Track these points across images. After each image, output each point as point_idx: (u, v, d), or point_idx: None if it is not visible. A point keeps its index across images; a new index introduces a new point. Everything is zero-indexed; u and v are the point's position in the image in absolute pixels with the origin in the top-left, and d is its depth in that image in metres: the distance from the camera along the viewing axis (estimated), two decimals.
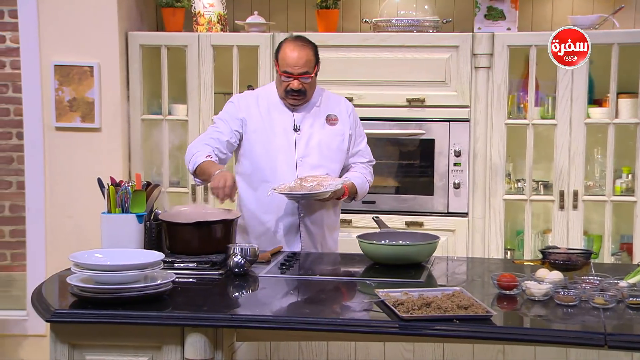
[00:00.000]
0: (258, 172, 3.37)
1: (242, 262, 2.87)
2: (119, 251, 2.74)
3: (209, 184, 3.15)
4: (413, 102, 4.34)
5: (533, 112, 4.32)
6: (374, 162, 3.61)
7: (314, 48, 3.35)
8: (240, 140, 3.40)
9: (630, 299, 2.50)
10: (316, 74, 3.36)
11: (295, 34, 4.33)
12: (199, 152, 3.25)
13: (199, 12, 4.57)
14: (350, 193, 3.38)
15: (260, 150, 3.35)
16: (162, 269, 2.65)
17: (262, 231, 3.38)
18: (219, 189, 3.05)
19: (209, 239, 3.01)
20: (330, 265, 3.22)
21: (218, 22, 4.58)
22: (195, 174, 3.26)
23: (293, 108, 3.39)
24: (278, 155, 3.34)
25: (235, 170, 3.48)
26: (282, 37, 4.37)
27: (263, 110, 3.39)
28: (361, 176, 3.46)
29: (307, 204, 3.35)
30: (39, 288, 2.71)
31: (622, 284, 2.62)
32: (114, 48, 4.44)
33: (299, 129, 3.37)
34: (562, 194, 4.29)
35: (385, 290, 2.55)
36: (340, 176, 3.44)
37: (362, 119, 3.65)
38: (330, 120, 3.43)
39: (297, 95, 3.33)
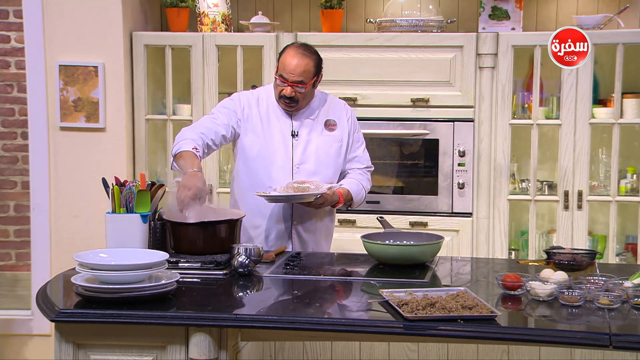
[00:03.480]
0: (254, 176, 3.34)
1: (247, 262, 2.87)
2: (123, 251, 2.75)
3: (178, 181, 3.07)
4: (417, 102, 4.34)
5: (537, 112, 4.31)
6: (372, 169, 3.56)
7: (317, 59, 3.29)
8: (236, 139, 3.37)
9: (635, 299, 2.49)
10: (314, 85, 3.31)
11: (299, 34, 4.36)
12: (188, 140, 3.17)
13: (203, 12, 4.57)
14: (346, 200, 3.35)
15: (256, 154, 3.33)
16: (167, 268, 2.66)
17: (255, 235, 3.37)
18: (184, 191, 2.98)
19: (213, 239, 3.01)
20: (334, 265, 3.22)
21: (222, 22, 4.58)
22: (175, 157, 3.18)
23: (291, 113, 3.36)
24: (275, 160, 3.32)
25: (233, 172, 3.48)
26: (287, 37, 4.37)
27: (263, 113, 3.36)
28: (357, 182, 3.42)
29: (300, 210, 3.33)
30: (44, 288, 2.72)
31: (627, 284, 2.62)
32: (118, 48, 4.44)
33: (296, 135, 3.35)
34: (566, 194, 4.28)
35: (389, 290, 2.55)
36: (338, 182, 3.42)
37: (366, 119, 3.65)
38: (329, 125, 3.40)
39: (288, 102, 3.29)
